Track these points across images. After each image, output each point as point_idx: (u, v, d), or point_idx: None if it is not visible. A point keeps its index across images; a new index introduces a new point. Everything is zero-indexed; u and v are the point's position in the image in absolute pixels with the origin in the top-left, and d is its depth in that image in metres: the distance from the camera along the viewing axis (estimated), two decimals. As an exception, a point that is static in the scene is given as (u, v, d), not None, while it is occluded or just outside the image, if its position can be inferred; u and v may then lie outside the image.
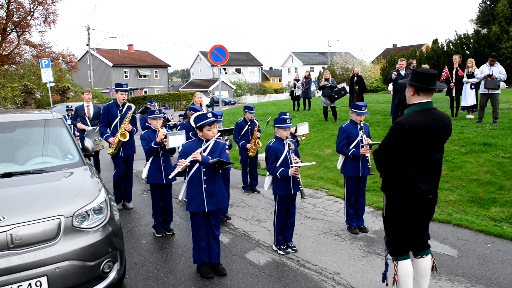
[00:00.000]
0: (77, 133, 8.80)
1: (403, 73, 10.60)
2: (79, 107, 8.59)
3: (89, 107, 8.52)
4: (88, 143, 4.98)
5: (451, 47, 34.00)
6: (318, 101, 18.47)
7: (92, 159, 8.58)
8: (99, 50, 53.30)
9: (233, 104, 47.47)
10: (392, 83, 11.16)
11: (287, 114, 4.89)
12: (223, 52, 12.70)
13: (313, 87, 17.17)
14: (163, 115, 5.81)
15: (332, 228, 5.77)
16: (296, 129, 6.16)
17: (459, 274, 4.26)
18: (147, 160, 5.63)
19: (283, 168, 4.69)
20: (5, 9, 30.74)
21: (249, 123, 7.65)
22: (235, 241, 5.40)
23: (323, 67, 50.60)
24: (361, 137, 5.45)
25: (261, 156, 8.92)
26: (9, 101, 24.89)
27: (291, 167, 4.67)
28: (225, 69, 63.85)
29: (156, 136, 5.44)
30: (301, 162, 4.85)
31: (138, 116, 9.35)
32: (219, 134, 4.58)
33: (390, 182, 3.30)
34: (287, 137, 4.80)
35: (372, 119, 12.08)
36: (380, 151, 3.29)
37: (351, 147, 5.46)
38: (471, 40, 33.36)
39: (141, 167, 6.38)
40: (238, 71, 68.03)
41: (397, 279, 3.41)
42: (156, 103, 10.53)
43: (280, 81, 77.80)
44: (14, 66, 31.33)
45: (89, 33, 38.09)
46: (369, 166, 5.50)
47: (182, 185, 4.48)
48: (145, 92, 55.79)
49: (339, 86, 13.70)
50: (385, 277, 3.62)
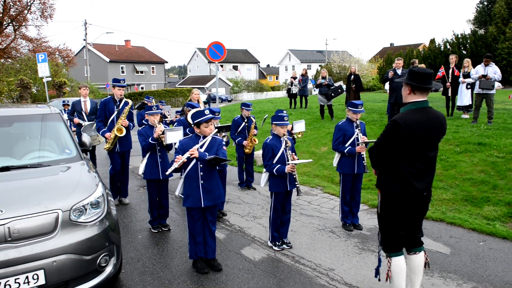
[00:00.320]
0: (74, 128, 8.81)
1: (399, 72, 10.65)
2: (76, 102, 8.59)
3: (86, 102, 8.52)
4: (85, 138, 4.99)
5: (448, 47, 34.14)
6: (315, 99, 18.51)
7: (88, 154, 8.59)
8: (96, 45, 53.10)
9: (230, 101, 47.46)
10: (388, 82, 11.22)
11: (284, 111, 4.93)
12: (221, 49, 12.69)
13: (310, 85, 17.17)
14: (160, 111, 5.83)
15: (327, 225, 5.82)
16: (292, 127, 6.21)
17: (451, 271, 4.32)
18: (144, 156, 5.65)
19: (279, 165, 4.73)
20: (2, 2, 30.56)
21: (246, 120, 7.68)
22: (230, 237, 5.43)
23: (320, 65, 50.65)
24: (357, 135, 5.50)
25: (257, 153, 8.96)
26: (5, 96, 24.76)
27: (288, 164, 4.71)
28: (222, 66, 63.75)
29: (153, 132, 5.46)
30: (298, 159, 4.89)
31: (135, 112, 9.35)
32: (216, 130, 4.61)
33: (385, 179, 3.35)
34: (284, 134, 4.83)
35: (368, 118, 12.15)
36: (375, 148, 3.34)
37: (347, 145, 5.50)
38: (468, 40, 33.51)
39: (138, 163, 6.40)
40: (235, 68, 67.97)
41: (391, 275, 3.46)
42: (153, 99, 10.53)
43: (277, 79, 77.78)
44: (10, 60, 31.15)
45: (86, 28, 38.01)
46: (365, 164, 5.54)
47: (178, 181, 4.52)
48: (142, 88, 55.66)
49: (336, 84, 13.75)
50: (377, 272, 3.68)
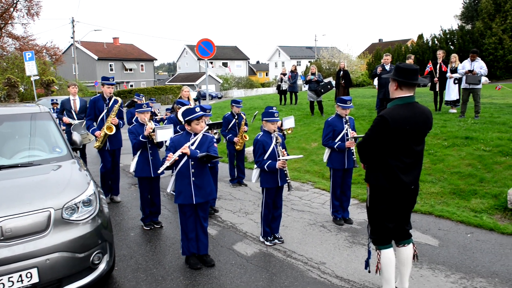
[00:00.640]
0: (63, 127, 8.75)
1: (388, 67, 10.75)
2: (65, 101, 8.54)
3: (75, 101, 8.47)
4: (76, 137, 4.99)
5: (436, 42, 34.44)
6: (304, 95, 18.59)
7: (78, 152, 8.54)
8: (84, 43, 52.52)
9: (220, 98, 47.41)
10: (377, 78, 11.32)
11: (274, 108, 4.97)
12: (210, 46, 12.70)
13: (300, 81, 17.27)
14: (150, 108, 5.83)
15: (318, 219, 5.89)
16: (282, 123, 6.25)
17: (439, 262, 4.42)
18: (134, 154, 5.66)
19: (270, 161, 4.77)
20: (-13, 0, 30.13)
21: (236, 117, 7.71)
22: (222, 233, 5.48)
23: (310, 62, 50.77)
24: (346, 130, 5.56)
25: (248, 149, 9.00)
26: (-9, 95, 24.47)
27: (279, 159, 4.76)
28: (212, 62, 63.58)
29: (144, 129, 5.47)
30: (288, 155, 4.95)
31: (124, 109, 9.31)
32: (208, 128, 4.64)
33: (373, 173, 3.42)
34: (274, 131, 4.88)
35: (357, 113, 12.25)
36: (363, 143, 3.40)
37: (336, 141, 5.56)
38: (456, 35, 33.83)
39: (128, 161, 6.41)
40: (225, 65, 67.82)
41: (380, 267, 3.53)
42: (143, 97, 10.50)
43: (267, 75, 77.80)
44: (-4, 58, 30.74)
45: (73, 26, 37.55)
46: (354, 159, 5.62)
47: (169, 178, 4.54)
48: (131, 85, 55.27)
49: (325, 80, 13.82)
50: (367, 265, 3.75)
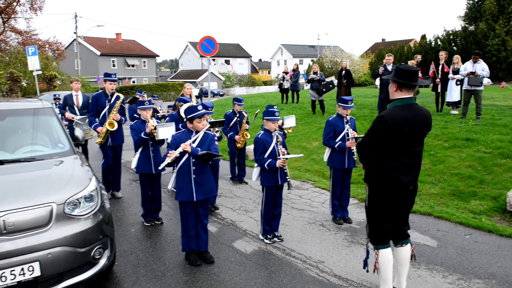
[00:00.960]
0: (66, 122, 8.78)
1: (390, 68, 10.77)
2: (68, 96, 8.56)
3: (78, 96, 8.49)
4: (78, 132, 5.03)
5: (439, 43, 34.37)
6: (306, 94, 18.61)
7: (80, 148, 8.58)
8: (86, 38, 52.58)
9: (222, 95, 47.38)
10: (379, 78, 11.33)
11: (275, 106, 5.00)
12: (213, 43, 12.72)
13: (302, 80, 17.27)
14: (152, 105, 5.86)
15: (317, 218, 5.92)
16: (283, 122, 6.28)
17: (437, 263, 4.45)
18: (136, 150, 5.69)
19: (271, 159, 4.81)
20: (-10, -6, 30.19)
21: (237, 115, 7.74)
22: (222, 230, 5.51)
23: (312, 60, 50.76)
24: (347, 130, 5.59)
25: (249, 147, 9.03)
26: (-6, 89, 24.50)
27: (279, 158, 4.79)
28: (214, 60, 63.59)
29: (145, 126, 5.50)
30: (289, 154, 4.98)
31: (126, 106, 9.35)
32: (210, 126, 4.67)
33: (372, 173, 3.45)
34: (275, 129, 4.91)
35: (359, 113, 12.26)
36: (363, 143, 3.43)
37: (337, 140, 5.59)
38: (459, 36, 33.77)
39: (130, 157, 6.44)
40: (227, 62, 67.85)
41: (378, 266, 3.57)
42: (145, 94, 10.53)
43: (269, 73, 77.78)
44: (-1, 53, 30.81)
45: (76, 21, 37.68)
46: (355, 158, 5.65)
47: (170, 175, 4.58)
48: (133, 82, 55.31)
49: (327, 79, 13.83)
50: (366, 264, 3.78)
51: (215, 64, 63.85)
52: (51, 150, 4.49)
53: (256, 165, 4.98)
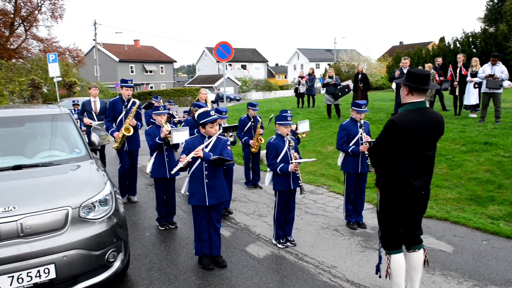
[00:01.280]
0: (84, 128, 8.97)
1: (406, 71, 10.64)
2: (86, 102, 8.75)
3: (95, 102, 8.67)
4: (94, 138, 5.13)
5: (458, 45, 33.82)
6: (322, 98, 18.56)
7: (98, 153, 8.75)
8: (105, 45, 53.58)
9: (238, 100, 47.62)
10: (395, 81, 11.21)
11: (289, 111, 5.02)
12: (228, 48, 12.80)
13: (318, 84, 17.21)
14: (167, 111, 5.93)
15: (331, 223, 5.90)
16: (297, 127, 6.28)
17: (452, 269, 4.38)
18: (151, 155, 5.77)
19: (283, 164, 4.82)
20: (13, 3, 31.06)
21: (252, 120, 7.77)
22: (236, 235, 5.54)
23: (328, 64, 50.56)
24: (361, 134, 5.56)
25: (264, 152, 9.03)
26: (16, 95, 25.17)
27: (291, 163, 4.80)
28: (230, 65, 63.96)
29: (160, 131, 5.58)
30: (301, 158, 4.98)
31: (143, 111, 9.50)
32: (223, 130, 4.70)
33: (383, 178, 3.42)
34: (287, 134, 4.92)
35: (375, 117, 12.16)
36: (374, 147, 3.42)
37: (351, 144, 5.57)
38: (478, 38, 33.17)
39: (146, 162, 6.52)
40: (243, 67, 68.11)
41: (390, 272, 3.53)
42: (161, 99, 10.67)
43: (285, 78, 77.84)
44: (21, 60, 31.63)
45: (95, 28, 38.45)
46: (368, 163, 5.61)
47: (185, 179, 4.63)
48: (151, 87, 56.05)
49: (343, 84, 13.77)
50: (378, 269, 3.75)
51: (231, 69, 64.22)
52: (68, 155, 4.59)
53: (268, 169, 5.00)
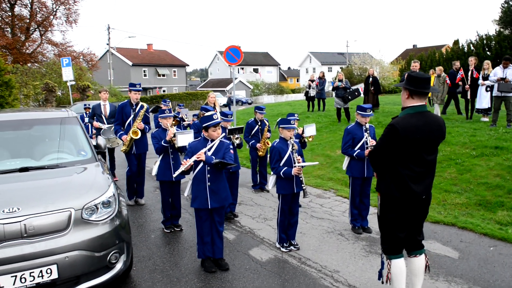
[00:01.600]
0: (94, 131, 9.09)
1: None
2: (96, 106, 8.88)
3: (105, 106, 8.80)
4: (100, 141, 5.20)
5: (472, 48, 33.39)
6: (333, 101, 18.49)
7: (108, 156, 8.86)
8: (119, 49, 54.16)
9: (250, 103, 47.60)
10: (396, 85, 11.11)
11: (295, 115, 5.03)
12: (238, 52, 12.86)
13: (330, 88, 17.20)
14: (172, 114, 5.98)
15: (336, 228, 5.87)
16: (303, 130, 6.28)
17: (457, 275, 4.32)
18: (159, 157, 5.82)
19: (286, 167, 4.82)
20: (29, 8, 31.70)
21: (259, 123, 7.79)
22: (240, 238, 5.55)
23: (341, 67, 50.37)
24: (366, 138, 5.54)
25: (271, 155, 9.04)
26: (31, 99, 25.61)
27: (294, 166, 4.80)
28: (242, 68, 64.15)
29: (166, 134, 5.63)
30: (304, 162, 4.98)
31: (151, 115, 9.59)
32: (229, 132, 4.70)
33: (384, 182, 3.40)
34: (291, 138, 4.93)
35: (385, 121, 12.05)
36: (374, 152, 3.40)
37: (356, 149, 5.55)
38: (493, 41, 32.69)
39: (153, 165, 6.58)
40: (255, 70, 68.22)
41: (390, 277, 3.50)
42: (170, 103, 10.76)
43: (298, 81, 77.77)
44: (36, 64, 32.18)
45: (109, 32, 38.96)
46: (374, 167, 5.57)
47: (188, 182, 4.66)
48: (164, 91, 56.40)
49: (353, 87, 13.71)
50: (381, 275, 3.72)
51: (243, 72, 64.39)
52: (74, 157, 4.67)
53: (272, 173, 5.00)
